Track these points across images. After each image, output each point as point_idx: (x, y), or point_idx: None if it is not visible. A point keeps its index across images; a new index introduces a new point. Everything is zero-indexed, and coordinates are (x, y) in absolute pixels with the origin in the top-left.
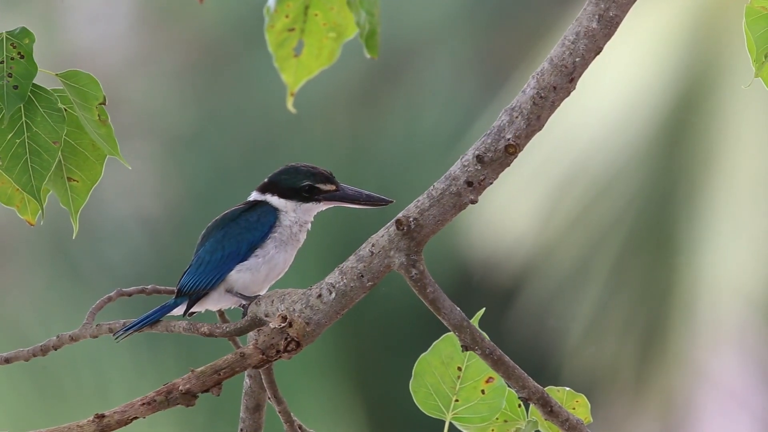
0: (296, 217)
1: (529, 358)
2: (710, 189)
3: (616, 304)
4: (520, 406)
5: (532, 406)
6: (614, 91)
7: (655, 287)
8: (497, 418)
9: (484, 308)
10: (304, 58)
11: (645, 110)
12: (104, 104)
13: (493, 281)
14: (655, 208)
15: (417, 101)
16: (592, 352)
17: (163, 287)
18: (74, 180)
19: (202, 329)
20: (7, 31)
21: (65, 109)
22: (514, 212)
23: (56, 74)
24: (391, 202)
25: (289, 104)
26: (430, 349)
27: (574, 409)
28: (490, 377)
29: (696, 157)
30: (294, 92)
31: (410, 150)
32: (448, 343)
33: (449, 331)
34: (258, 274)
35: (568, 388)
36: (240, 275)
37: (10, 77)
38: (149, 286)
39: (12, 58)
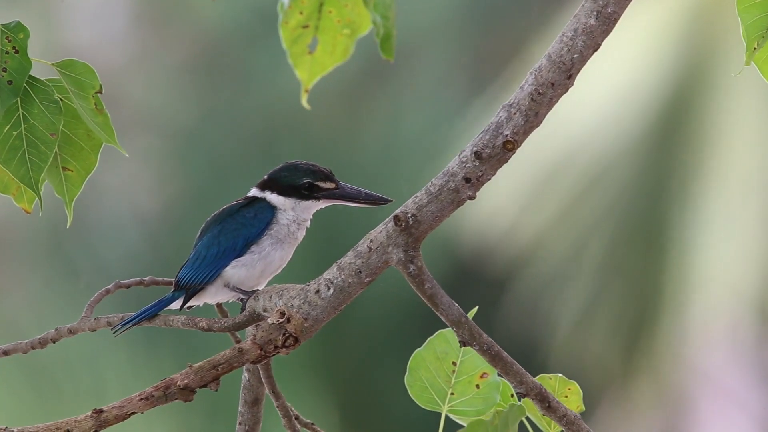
0: (294, 215)
1: (518, 350)
2: (702, 183)
3: (606, 297)
4: (512, 395)
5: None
6: (607, 84)
7: (646, 280)
8: None
9: (477, 306)
10: (318, 54)
11: (638, 103)
12: (100, 93)
13: (483, 273)
14: (646, 201)
15: (407, 101)
16: (581, 345)
17: (161, 279)
18: (69, 170)
19: (200, 324)
20: (2, 24)
21: (61, 100)
22: (505, 204)
23: (52, 64)
24: (391, 201)
25: (304, 101)
26: (424, 344)
27: (566, 396)
28: (485, 372)
29: (688, 150)
30: (308, 89)
31: (400, 150)
32: (441, 339)
33: (439, 326)
34: (253, 270)
35: (560, 375)
36: (235, 271)
37: (5, 72)
38: (147, 278)
39: (7, 53)
